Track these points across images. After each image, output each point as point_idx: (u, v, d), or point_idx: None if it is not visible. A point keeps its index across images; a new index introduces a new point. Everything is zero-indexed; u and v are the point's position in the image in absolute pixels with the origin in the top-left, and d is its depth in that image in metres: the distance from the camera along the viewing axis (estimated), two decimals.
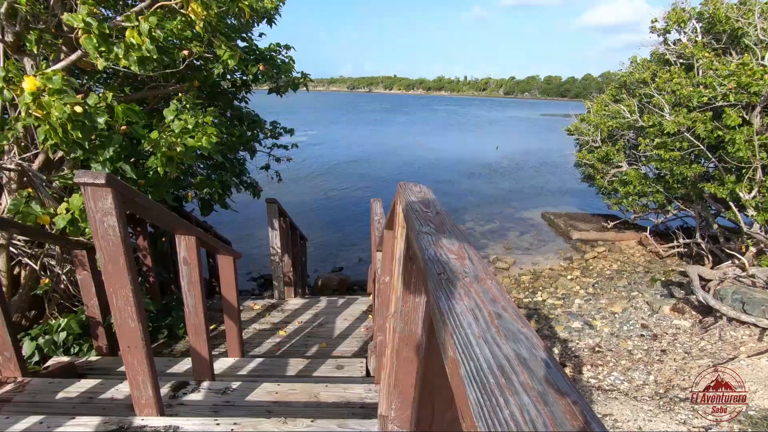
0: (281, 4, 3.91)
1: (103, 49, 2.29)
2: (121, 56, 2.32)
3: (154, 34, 2.39)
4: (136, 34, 2.35)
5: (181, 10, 2.61)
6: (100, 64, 2.31)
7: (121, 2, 3.13)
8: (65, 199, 2.50)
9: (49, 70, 2.38)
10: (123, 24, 2.46)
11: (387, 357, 1.50)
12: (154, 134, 2.56)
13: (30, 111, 2.09)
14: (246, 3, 3.19)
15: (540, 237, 8.57)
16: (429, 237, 0.86)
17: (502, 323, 0.52)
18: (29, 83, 2.08)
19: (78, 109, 2.10)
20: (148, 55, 2.40)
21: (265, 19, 3.90)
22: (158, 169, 2.52)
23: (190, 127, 2.64)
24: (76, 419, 1.65)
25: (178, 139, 2.58)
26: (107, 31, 2.33)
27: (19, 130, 2.34)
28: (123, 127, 2.50)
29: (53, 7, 2.57)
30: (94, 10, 2.28)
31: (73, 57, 2.53)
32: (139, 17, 2.41)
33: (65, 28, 2.68)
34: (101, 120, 2.19)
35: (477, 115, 53.54)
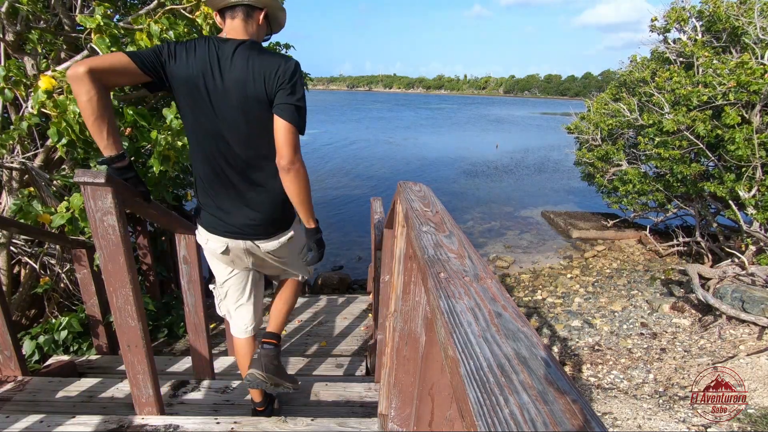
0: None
1: (114, 49, 2.31)
2: None
3: (164, 35, 2.40)
4: (145, 36, 2.37)
5: (189, 15, 2.62)
6: None
7: (120, 2, 3.13)
8: (65, 198, 2.50)
9: (60, 67, 2.40)
10: (131, 27, 2.47)
11: (387, 356, 1.50)
12: (154, 134, 2.57)
13: (46, 109, 2.13)
14: None
15: (540, 236, 8.57)
16: (429, 236, 0.86)
17: (502, 322, 0.53)
18: (45, 82, 2.12)
19: None
20: None
21: None
22: (154, 168, 2.53)
23: None
24: (77, 418, 1.66)
25: (176, 137, 2.59)
26: (122, 32, 2.35)
27: (24, 129, 2.35)
28: (128, 130, 2.50)
29: (54, 7, 2.57)
30: (108, 13, 2.30)
31: (78, 57, 2.54)
32: (148, 19, 2.43)
33: (66, 28, 2.68)
34: None
35: (477, 113, 53.52)
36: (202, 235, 1.61)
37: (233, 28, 1.43)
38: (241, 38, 1.42)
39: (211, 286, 1.90)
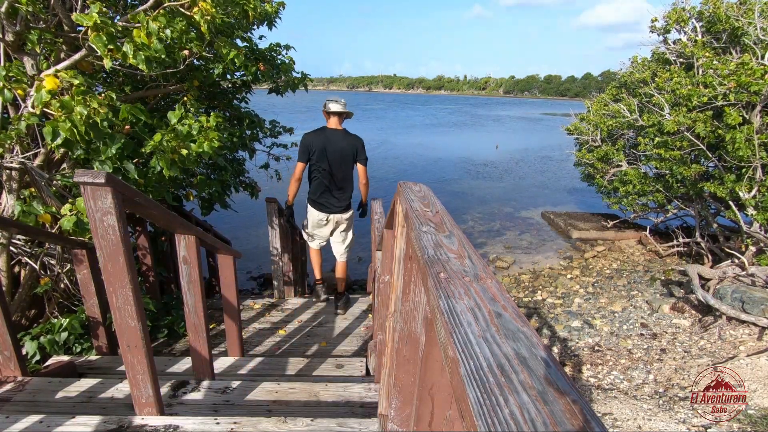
0: (281, 8, 3.94)
1: (111, 47, 2.30)
2: (130, 55, 2.34)
3: (161, 34, 2.40)
4: (143, 34, 2.36)
5: (186, 12, 2.62)
6: (107, 63, 2.32)
7: (121, 2, 3.13)
8: (69, 200, 2.50)
9: (59, 67, 2.40)
10: (128, 25, 2.47)
11: (387, 356, 1.50)
12: (157, 137, 2.57)
13: (50, 109, 2.13)
14: (251, 6, 3.25)
15: (540, 236, 8.57)
16: (429, 236, 0.86)
17: (502, 322, 0.53)
18: (50, 82, 2.12)
19: (103, 109, 2.14)
20: (156, 55, 2.42)
21: (265, 22, 3.91)
22: (163, 171, 2.54)
23: (194, 132, 2.67)
24: (76, 418, 1.65)
25: (182, 143, 2.61)
26: (119, 29, 2.35)
27: (23, 129, 2.35)
28: (126, 128, 2.50)
29: (53, 7, 2.57)
30: (104, 10, 2.29)
31: (77, 56, 2.53)
32: (146, 17, 2.42)
33: (65, 28, 2.68)
34: (103, 121, 2.21)
35: (477, 114, 53.52)
36: (315, 213, 3.72)
37: (334, 122, 3.61)
38: (339, 129, 3.62)
39: (304, 234, 4.02)
